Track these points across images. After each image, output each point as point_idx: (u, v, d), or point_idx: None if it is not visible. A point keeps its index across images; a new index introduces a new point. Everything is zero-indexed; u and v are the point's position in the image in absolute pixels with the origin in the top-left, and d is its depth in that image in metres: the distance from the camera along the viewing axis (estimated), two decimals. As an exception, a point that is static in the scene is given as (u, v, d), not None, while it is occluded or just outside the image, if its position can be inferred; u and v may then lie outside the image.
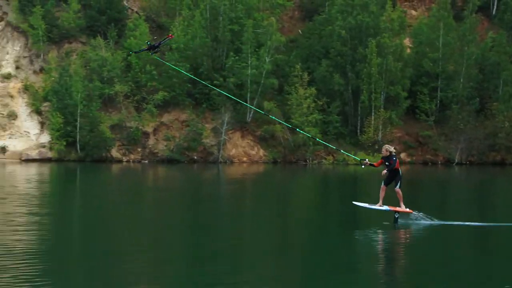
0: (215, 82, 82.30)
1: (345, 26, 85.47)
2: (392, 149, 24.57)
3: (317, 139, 43.73)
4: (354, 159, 29.54)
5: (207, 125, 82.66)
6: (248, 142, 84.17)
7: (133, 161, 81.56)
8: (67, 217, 26.64)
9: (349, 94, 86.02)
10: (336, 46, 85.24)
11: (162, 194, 39.45)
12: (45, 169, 68.05)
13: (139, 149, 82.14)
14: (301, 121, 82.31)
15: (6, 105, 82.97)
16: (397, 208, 24.17)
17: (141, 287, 14.23)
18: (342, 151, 35.72)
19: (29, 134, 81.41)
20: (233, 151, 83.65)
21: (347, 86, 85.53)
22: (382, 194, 24.35)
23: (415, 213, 24.33)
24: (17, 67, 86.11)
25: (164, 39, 33.57)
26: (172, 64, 79.59)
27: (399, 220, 24.08)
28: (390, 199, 25.54)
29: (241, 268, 16.37)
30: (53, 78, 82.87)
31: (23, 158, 78.95)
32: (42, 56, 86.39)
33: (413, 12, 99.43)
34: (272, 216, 27.71)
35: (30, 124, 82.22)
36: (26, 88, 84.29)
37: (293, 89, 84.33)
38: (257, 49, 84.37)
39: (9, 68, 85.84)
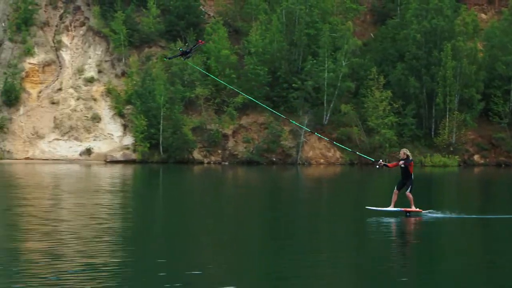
0: (293, 85, 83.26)
1: (420, 30, 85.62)
2: (409, 153, 26.20)
3: (335, 142, 44.07)
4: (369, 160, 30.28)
5: (285, 128, 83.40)
6: (324, 144, 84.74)
7: (214, 163, 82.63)
8: (151, 213, 27.95)
9: (423, 96, 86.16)
10: (412, 49, 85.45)
11: (248, 193, 40.51)
12: (130, 170, 69.53)
13: (219, 151, 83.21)
14: (377, 123, 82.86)
15: (90, 108, 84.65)
16: (408, 209, 25.56)
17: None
18: (358, 153, 36.31)
19: (112, 137, 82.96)
20: (311, 153, 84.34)
21: (422, 89, 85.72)
22: (394, 198, 25.65)
23: (424, 212, 25.79)
24: (100, 71, 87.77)
25: (195, 45, 35.20)
26: (250, 68, 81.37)
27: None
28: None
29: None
30: (135, 82, 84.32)
31: (108, 160, 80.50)
32: (123, 60, 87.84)
33: (483, 16, 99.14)
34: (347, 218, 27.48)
35: (113, 126, 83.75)
36: (108, 92, 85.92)
37: (368, 92, 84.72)
38: (333, 53, 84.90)
39: (92, 72, 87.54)
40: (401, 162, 25.74)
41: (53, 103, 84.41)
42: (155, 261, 15.90)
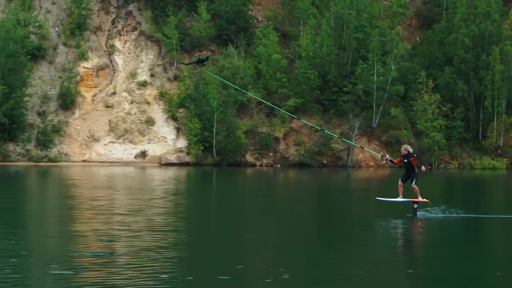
0: (344, 89, 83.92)
1: (468, 34, 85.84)
2: (410, 149, 27.77)
3: (344, 138, 44.50)
4: (376, 154, 32.33)
5: (336, 131, 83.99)
6: (374, 147, 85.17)
7: (266, 165, 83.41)
8: (207, 212, 29.23)
9: (471, 100, 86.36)
10: (460, 53, 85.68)
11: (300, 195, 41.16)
12: (184, 172, 70.50)
13: (271, 154, 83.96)
14: (426, 126, 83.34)
15: (143, 111, 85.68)
16: (415, 200, 26.83)
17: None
18: (364, 148, 37.72)
19: (166, 139, 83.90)
20: (360, 156, 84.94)
21: (470, 92, 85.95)
22: (400, 189, 27.23)
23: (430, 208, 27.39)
24: (152, 75, 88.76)
25: (212, 54, 36.86)
26: (301, 71, 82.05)
27: (417, 212, 26.59)
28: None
29: None
30: (187, 86, 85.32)
31: (162, 162, 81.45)
32: (175, 64, 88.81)
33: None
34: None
35: (166, 129, 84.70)
36: (161, 95, 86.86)
37: (417, 96, 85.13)
38: (381, 57, 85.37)
39: (144, 76, 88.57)
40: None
41: (107, 106, 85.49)
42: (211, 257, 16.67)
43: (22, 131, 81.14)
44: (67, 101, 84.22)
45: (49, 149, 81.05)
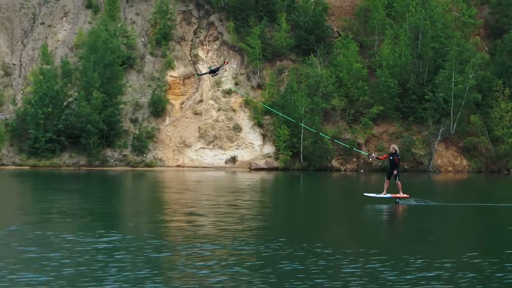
0: (425, 96, 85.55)
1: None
2: (397, 149, 32.33)
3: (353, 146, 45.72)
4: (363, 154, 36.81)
5: (417, 137, 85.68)
6: (452, 153, 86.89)
7: (350, 170, 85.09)
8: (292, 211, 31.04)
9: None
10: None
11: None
12: (272, 176, 72.22)
13: (354, 159, 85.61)
14: (503, 133, 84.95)
15: (230, 118, 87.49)
16: (397, 195, 31.36)
17: None
18: (355, 149, 40.92)
19: (253, 145, 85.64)
20: (439, 161, 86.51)
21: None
22: (386, 185, 31.75)
23: (412, 200, 32.15)
24: (236, 83, 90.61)
25: (222, 65, 39.54)
26: (381, 80, 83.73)
27: (399, 203, 31.26)
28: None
29: None
30: (271, 93, 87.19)
31: (252, 167, 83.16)
32: (258, 73, 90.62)
33: None
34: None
35: (253, 136, 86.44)
36: (246, 103, 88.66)
37: (494, 103, 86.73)
38: (458, 66, 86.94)
39: (229, 84, 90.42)
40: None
41: (196, 113, 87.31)
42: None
43: (119, 137, 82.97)
44: (158, 108, 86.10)
45: (145, 155, 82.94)
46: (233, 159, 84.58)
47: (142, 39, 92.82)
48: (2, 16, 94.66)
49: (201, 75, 75.91)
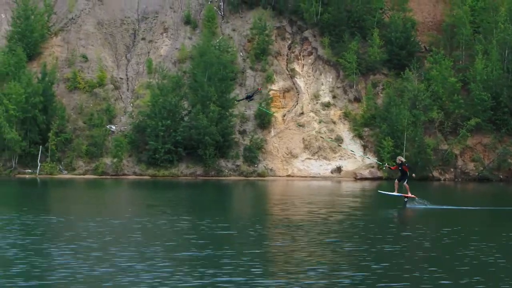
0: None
1: None
2: (403, 159, 38.74)
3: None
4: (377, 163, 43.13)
5: (510, 148, 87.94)
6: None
7: (448, 180, 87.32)
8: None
9: None
10: None
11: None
12: (375, 185, 74.43)
13: (452, 169, 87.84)
14: None
15: (331, 130, 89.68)
16: (405, 194, 37.39)
17: None
18: (368, 157, 44.44)
19: (355, 156, 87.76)
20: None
21: None
22: (396, 186, 38.02)
23: (418, 199, 37.84)
24: (334, 96, 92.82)
25: (255, 91, 44.18)
26: (476, 94, 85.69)
27: (407, 204, 37.34)
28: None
29: None
30: (370, 106, 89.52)
31: (357, 177, 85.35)
32: (354, 86, 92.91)
33: None
34: None
35: (354, 147, 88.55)
36: (346, 115, 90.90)
37: None
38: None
39: (327, 98, 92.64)
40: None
41: (299, 125, 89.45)
42: None
43: (231, 148, 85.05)
44: (264, 121, 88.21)
45: (256, 165, 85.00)
46: (338, 169, 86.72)
47: (241, 53, 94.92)
48: (105, 32, 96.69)
49: (239, 101, 78.83)
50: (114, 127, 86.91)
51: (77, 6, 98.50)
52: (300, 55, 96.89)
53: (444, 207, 39.36)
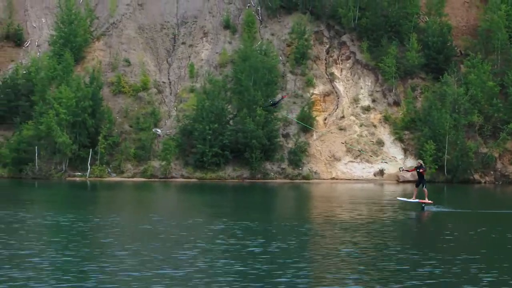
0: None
1: None
2: (422, 163, 38.89)
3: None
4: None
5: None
6: None
7: (489, 182, 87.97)
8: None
9: None
10: None
11: None
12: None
13: (492, 172, 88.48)
14: None
15: (372, 133, 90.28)
16: (423, 200, 37.59)
17: None
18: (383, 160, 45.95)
19: (396, 159, 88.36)
20: None
21: None
22: (415, 192, 38.22)
23: (435, 207, 38.14)
24: (373, 100, 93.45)
25: (281, 98, 44.92)
26: None
27: (425, 208, 37.46)
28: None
29: None
30: (410, 110, 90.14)
31: (400, 180, 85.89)
32: (393, 90, 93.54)
33: None
34: None
35: (394, 150, 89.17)
36: (386, 119, 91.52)
37: None
38: None
39: (366, 101, 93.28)
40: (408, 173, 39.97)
41: (340, 129, 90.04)
42: None
43: (276, 151, 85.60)
44: (307, 124, 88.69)
45: (300, 168, 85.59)
46: (381, 172, 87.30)
47: (280, 58, 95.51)
48: (146, 37, 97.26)
49: (265, 107, 79.68)
50: (159, 131, 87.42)
51: (118, 11, 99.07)
52: (338, 59, 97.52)
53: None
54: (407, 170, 42.48)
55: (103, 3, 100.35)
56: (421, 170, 37.91)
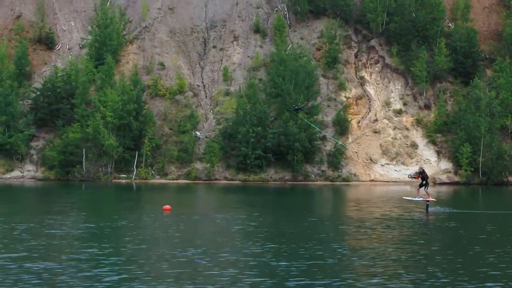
0: None
1: None
2: (424, 168, 41.45)
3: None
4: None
5: None
6: None
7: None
8: None
9: None
10: None
11: None
12: (451, 190, 76.20)
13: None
14: None
15: (406, 136, 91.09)
16: (427, 199, 39.18)
17: None
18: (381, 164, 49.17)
19: (430, 161, 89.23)
20: None
21: None
22: (418, 192, 40.94)
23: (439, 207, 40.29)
24: (404, 104, 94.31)
25: (305, 105, 47.26)
26: None
27: (429, 207, 38.75)
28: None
29: None
30: (443, 113, 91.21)
31: (436, 182, 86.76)
32: (424, 94, 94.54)
33: None
34: None
35: (428, 152, 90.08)
36: (418, 122, 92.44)
37: None
38: None
39: (398, 105, 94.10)
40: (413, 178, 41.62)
41: (375, 132, 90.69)
42: None
43: (315, 154, 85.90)
44: (343, 127, 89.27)
45: (340, 170, 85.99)
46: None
47: (311, 62, 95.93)
48: (177, 40, 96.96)
49: (289, 110, 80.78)
50: (199, 133, 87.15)
51: (149, 15, 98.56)
52: (367, 63, 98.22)
53: None
54: (414, 177, 42.66)
55: (133, 7, 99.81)
56: (423, 175, 39.88)
